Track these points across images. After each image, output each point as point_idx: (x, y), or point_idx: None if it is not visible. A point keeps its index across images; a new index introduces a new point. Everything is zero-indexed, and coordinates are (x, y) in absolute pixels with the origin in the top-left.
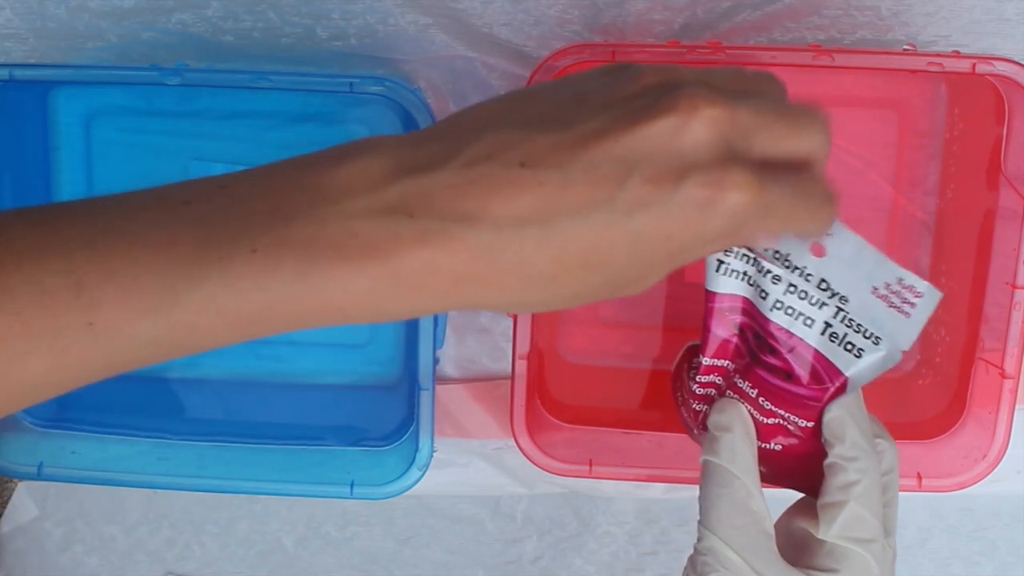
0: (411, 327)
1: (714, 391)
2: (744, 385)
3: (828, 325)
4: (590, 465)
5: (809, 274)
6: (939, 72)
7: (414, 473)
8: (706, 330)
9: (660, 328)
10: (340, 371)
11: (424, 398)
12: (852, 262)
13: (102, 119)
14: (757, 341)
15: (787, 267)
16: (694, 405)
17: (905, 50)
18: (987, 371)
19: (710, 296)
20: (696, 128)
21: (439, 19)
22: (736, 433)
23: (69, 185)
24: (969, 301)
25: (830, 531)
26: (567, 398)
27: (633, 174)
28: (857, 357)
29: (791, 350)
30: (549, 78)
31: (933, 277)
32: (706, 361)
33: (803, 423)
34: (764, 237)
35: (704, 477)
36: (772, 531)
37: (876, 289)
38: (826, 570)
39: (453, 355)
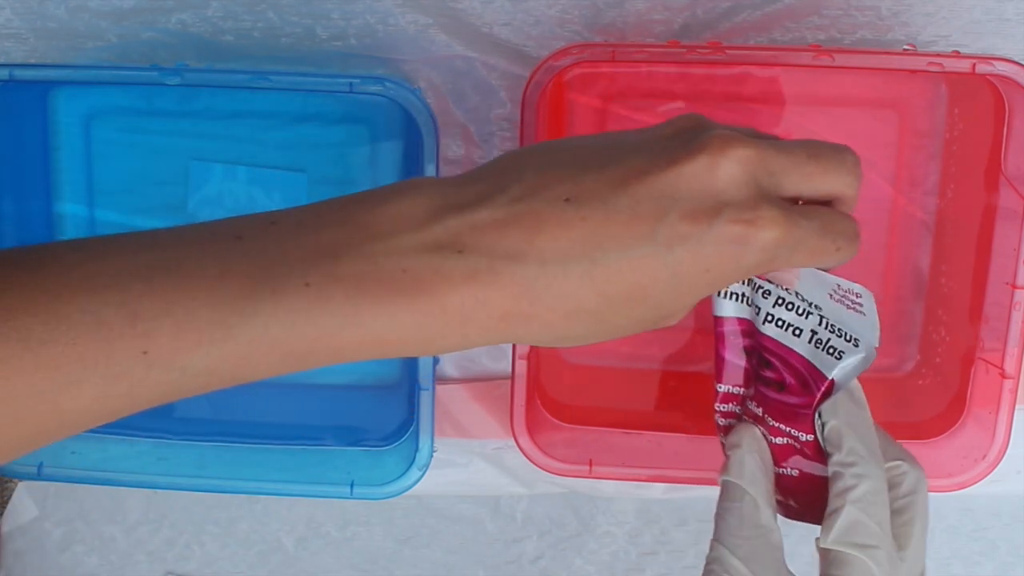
0: None
1: (734, 420)
2: (752, 406)
3: (814, 333)
4: (590, 465)
5: (795, 291)
6: (939, 72)
7: (414, 473)
8: (718, 358)
9: (660, 328)
10: (340, 371)
11: (424, 398)
12: (805, 274)
13: (102, 119)
14: (758, 359)
15: (772, 281)
16: (720, 438)
17: (905, 50)
18: (987, 371)
19: (717, 321)
20: (728, 167)
21: (439, 19)
22: (744, 448)
23: (69, 185)
24: (969, 301)
25: (829, 537)
26: (567, 398)
27: (672, 210)
28: (838, 359)
29: (784, 362)
30: (549, 78)
31: (933, 277)
32: (721, 388)
33: (804, 436)
34: (792, 268)
35: (719, 495)
36: (780, 543)
37: (832, 295)
38: None
39: (453, 355)
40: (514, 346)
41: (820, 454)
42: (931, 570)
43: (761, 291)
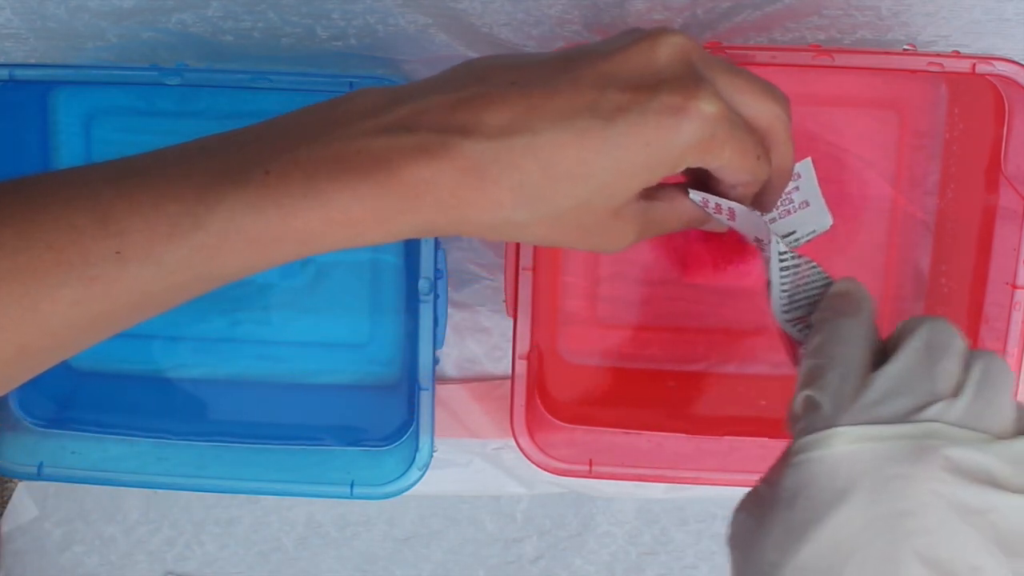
0: (411, 327)
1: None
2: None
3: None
4: (590, 465)
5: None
6: (939, 72)
7: (414, 473)
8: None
9: (660, 328)
10: (340, 371)
11: (424, 398)
12: (761, 224)
13: (102, 119)
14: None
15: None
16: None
17: (905, 50)
18: None
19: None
20: (666, 48)
21: (439, 19)
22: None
23: None
24: (969, 301)
25: (793, 404)
26: (567, 398)
27: (612, 84)
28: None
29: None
30: None
31: (933, 277)
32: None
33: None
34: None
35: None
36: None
37: (776, 214)
38: (795, 434)
39: (453, 355)
40: (514, 346)
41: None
42: None
43: (758, 243)
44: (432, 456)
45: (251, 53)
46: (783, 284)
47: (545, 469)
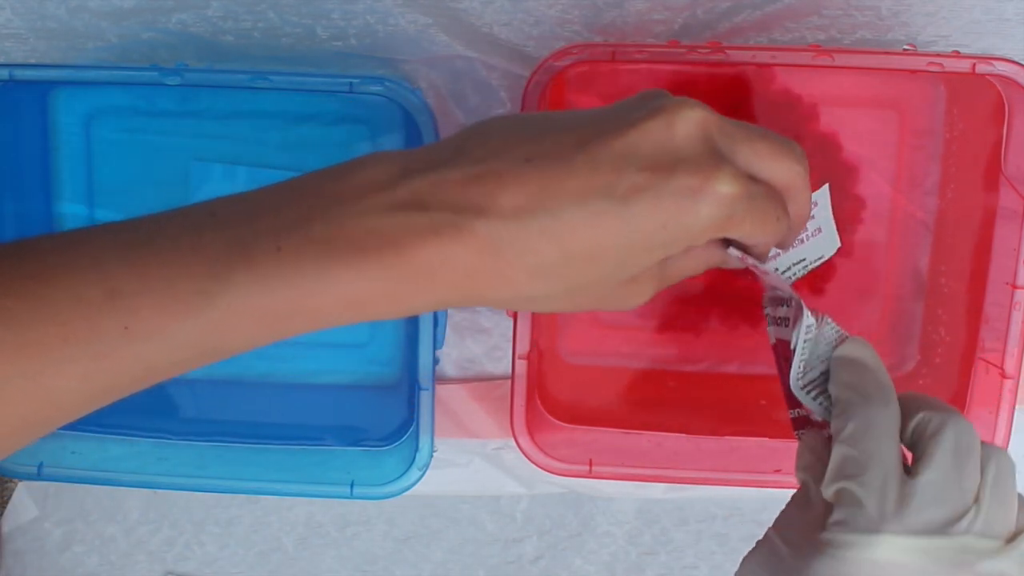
0: (411, 327)
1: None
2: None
3: (794, 318)
4: (590, 465)
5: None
6: (939, 72)
7: (414, 473)
8: (782, 384)
9: (660, 328)
10: (340, 371)
11: (424, 398)
12: (782, 280)
13: (102, 119)
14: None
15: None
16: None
17: (905, 50)
18: (987, 371)
19: (773, 349)
20: (684, 125)
21: (439, 19)
22: (802, 443)
23: (69, 185)
24: (969, 301)
25: (825, 489)
26: (567, 398)
27: (630, 165)
28: (792, 327)
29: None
30: (549, 78)
31: (933, 277)
32: (792, 414)
33: (814, 417)
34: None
35: None
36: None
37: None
38: (832, 523)
39: (453, 355)
40: (514, 346)
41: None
42: None
43: (770, 299)
44: (432, 456)
45: (251, 53)
46: (803, 353)
47: (545, 469)
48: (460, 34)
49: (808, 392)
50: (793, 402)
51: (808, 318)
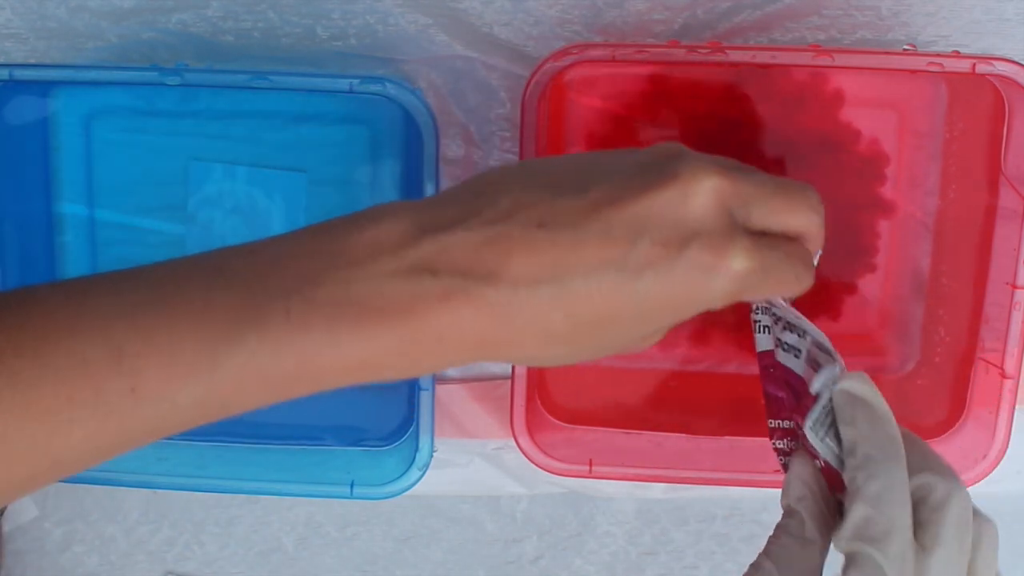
0: None
1: (791, 457)
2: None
3: (809, 352)
4: (590, 465)
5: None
6: (939, 72)
7: (414, 473)
8: (764, 394)
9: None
10: None
11: (424, 398)
12: (801, 317)
13: (102, 119)
14: (789, 389)
15: (783, 303)
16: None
17: (905, 50)
18: (987, 371)
19: (758, 357)
20: (700, 196)
21: (439, 19)
22: (792, 472)
23: (69, 185)
24: (969, 301)
25: (842, 537)
26: (567, 398)
27: (642, 237)
28: (816, 371)
29: (791, 387)
30: (549, 78)
31: (933, 277)
32: (771, 424)
33: (813, 450)
34: (758, 299)
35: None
36: (819, 558)
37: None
38: None
39: None
40: None
41: (836, 479)
42: None
43: (776, 318)
44: (432, 456)
45: (251, 53)
46: (824, 400)
47: (545, 469)
48: (460, 34)
49: (817, 432)
50: (781, 432)
51: (840, 368)
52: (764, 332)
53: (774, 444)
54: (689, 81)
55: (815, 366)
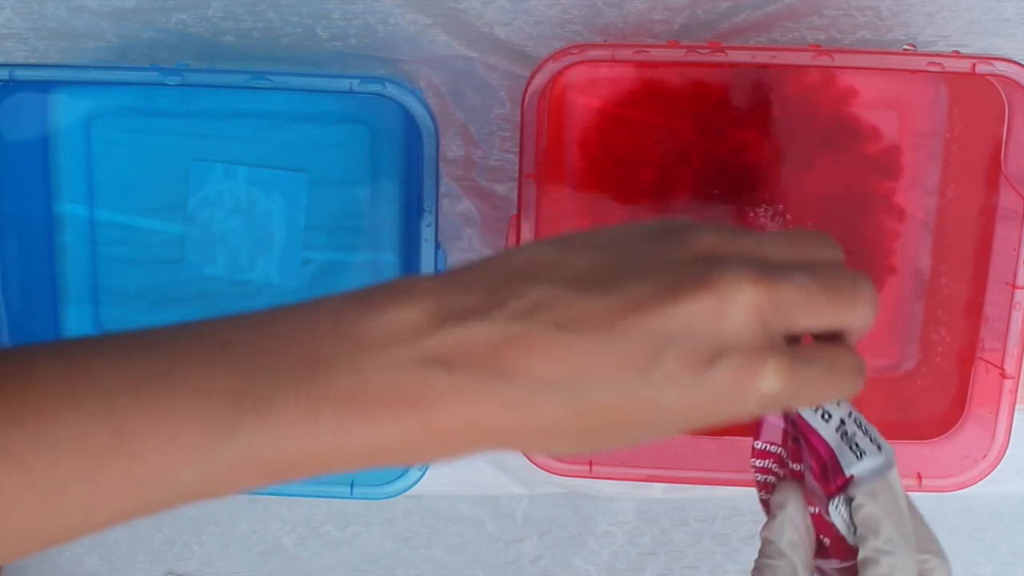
0: None
1: (773, 478)
2: (793, 465)
3: (842, 423)
4: (590, 465)
5: None
6: (939, 72)
7: (414, 473)
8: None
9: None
10: None
11: None
12: None
13: (102, 119)
14: (792, 427)
15: None
16: (759, 494)
17: (905, 50)
18: (987, 371)
19: None
20: (735, 311)
21: (439, 19)
22: (788, 511)
23: (69, 185)
24: (969, 301)
25: None
26: None
27: (668, 350)
28: (858, 459)
29: (809, 445)
30: (549, 78)
31: (933, 277)
32: (757, 445)
33: (825, 516)
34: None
35: (760, 549)
36: None
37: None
38: None
39: None
40: None
41: (841, 543)
42: None
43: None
44: None
45: (251, 53)
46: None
47: (545, 469)
48: (460, 34)
49: (836, 504)
50: (766, 455)
51: (885, 461)
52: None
53: (754, 463)
54: (689, 81)
55: (853, 446)
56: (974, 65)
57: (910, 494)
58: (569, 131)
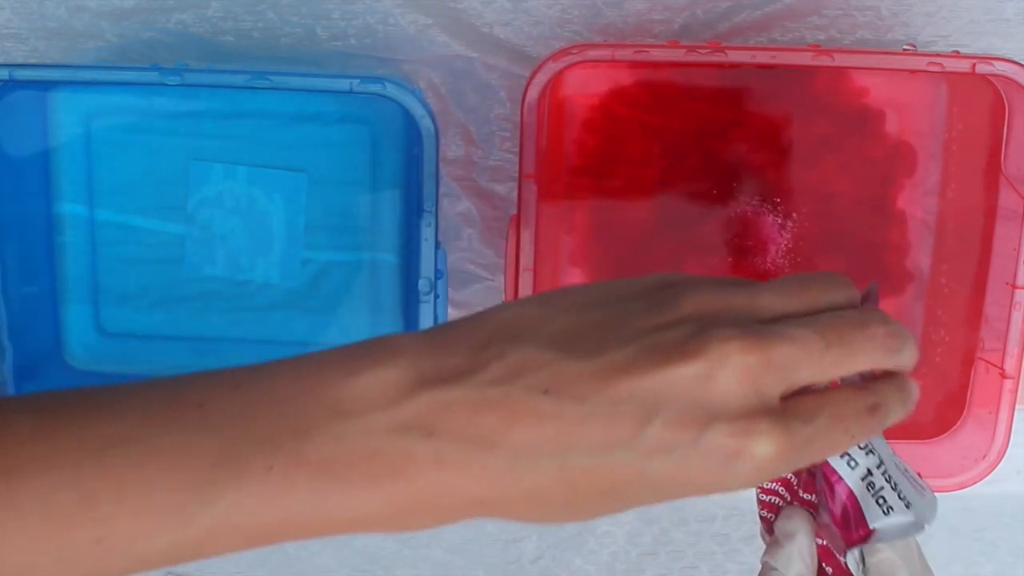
0: (411, 326)
1: (779, 500)
2: (804, 494)
3: (869, 473)
4: None
5: None
6: (939, 72)
7: None
8: None
9: None
10: None
11: None
12: (882, 441)
13: (102, 119)
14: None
15: None
16: (762, 513)
17: (905, 50)
18: (987, 371)
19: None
20: (725, 378)
21: (439, 19)
22: (797, 541)
23: (69, 185)
24: (969, 301)
25: None
26: None
27: (655, 418)
28: (885, 514)
29: (831, 489)
30: (549, 78)
31: (933, 277)
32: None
33: (839, 556)
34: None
35: (760, 574)
36: None
37: (897, 464)
38: None
39: None
40: None
41: (829, 557)
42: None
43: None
44: None
45: (251, 53)
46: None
47: None
48: (460, 34)
49: (852, 551)
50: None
51: (916, 521)
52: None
53: (764, 483)
54: (689, 81)
55: (880, 500)
56: (974, 65)
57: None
58: (569, 131)
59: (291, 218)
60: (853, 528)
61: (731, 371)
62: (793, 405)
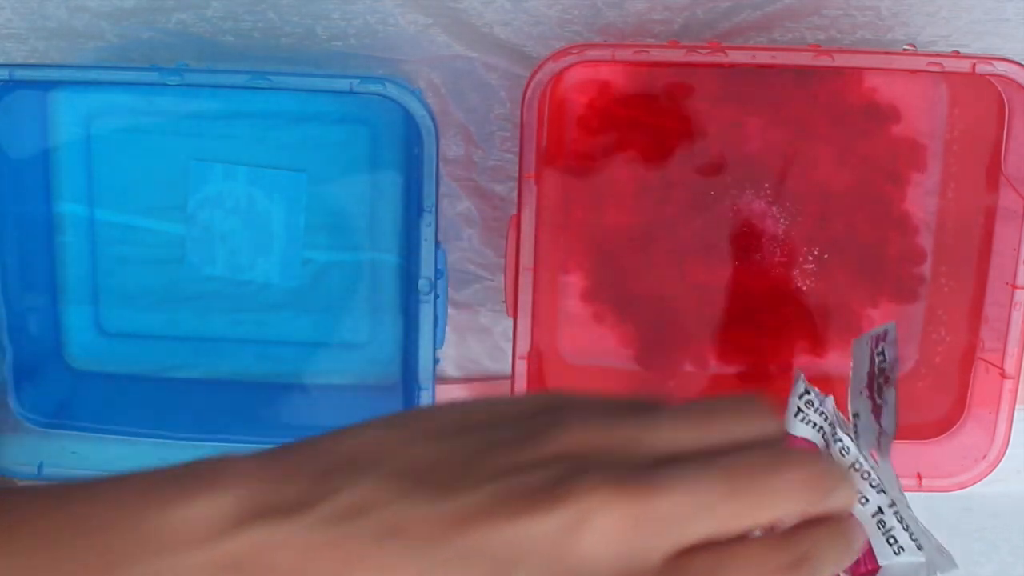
0: (411, 327)
1: None
2: None
3: (880, 511)
4: None
5: (873, 464)
6: (939, 72)
7: None
8: None
9: (660, 328)
10: (340, 371)
11: (424, 398)
12: (896, 485)
13: (102, 119)
14: None
15: (855, 443)
16: None
17: (905, 50)
18: (987, 371)
19: (787, 437)
20: (591, 534)
21: (439, 19)
22: None
23: (69, 185)
24: (969, 301)
25: None
26: None
27: (510, 572)
28: (896, 553)
29: None
30: (549, 78)
31: (933, 277)
32: None
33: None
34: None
35: None
36: None
37: (914, 517)
38: None
39: (453, 355)
40: (514, 346)
41: None
42: None
43: (841, 446)
44: None
45: (251, 53)
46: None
47: None
48: (460, 34)
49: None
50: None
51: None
52: (808, 424)
53: None
54: (689, 81)
55: (891, 539)
56: (974, 65)
57: (908, 494)
58: (569, 131)
59: (291, 218)
60: (862, 561)
61: (598, 526)
62: (683, 567)
